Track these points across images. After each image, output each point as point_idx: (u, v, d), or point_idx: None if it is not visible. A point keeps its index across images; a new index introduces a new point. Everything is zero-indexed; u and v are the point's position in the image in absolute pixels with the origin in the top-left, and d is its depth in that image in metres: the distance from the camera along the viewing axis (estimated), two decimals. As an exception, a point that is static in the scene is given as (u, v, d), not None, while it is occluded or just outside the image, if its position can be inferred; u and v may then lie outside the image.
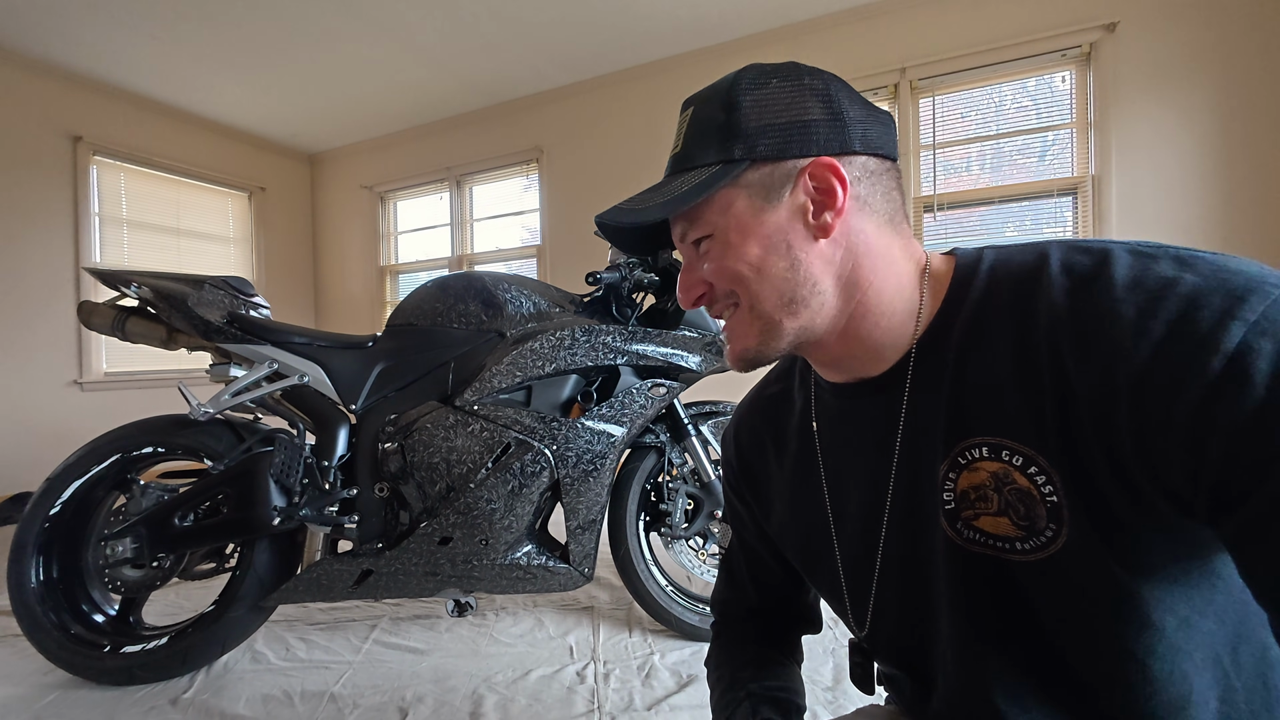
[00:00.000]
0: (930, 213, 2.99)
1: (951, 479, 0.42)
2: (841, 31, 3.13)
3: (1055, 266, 0.39)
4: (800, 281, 0.44)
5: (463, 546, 1.32)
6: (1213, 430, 0.30)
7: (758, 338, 0.46)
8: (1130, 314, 0.34)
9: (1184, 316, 0.32)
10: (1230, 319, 0.31)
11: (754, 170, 0.44)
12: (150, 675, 1.34)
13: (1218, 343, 0.31)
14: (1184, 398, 0.31)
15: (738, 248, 0.44)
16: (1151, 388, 0.32)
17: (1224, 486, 0.31)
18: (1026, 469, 0.38)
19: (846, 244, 0.44)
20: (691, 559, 1.52)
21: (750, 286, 0.44)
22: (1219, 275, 0.33)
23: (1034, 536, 0.38)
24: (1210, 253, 0.35)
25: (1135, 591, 0.36)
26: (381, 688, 1.31)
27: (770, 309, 0.45)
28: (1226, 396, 0.30)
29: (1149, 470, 0.33)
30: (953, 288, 0.44)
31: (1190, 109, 2.52)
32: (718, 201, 0.45)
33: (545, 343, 1.35)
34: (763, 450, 0.59)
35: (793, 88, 0.44)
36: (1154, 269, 0.35)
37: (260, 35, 3.14)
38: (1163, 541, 0.35)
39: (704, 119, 0.46)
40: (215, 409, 1.35)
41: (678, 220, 0.48)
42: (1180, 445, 0.31)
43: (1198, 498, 0.32)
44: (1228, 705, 0.37)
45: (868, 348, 0.46)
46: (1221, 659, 0.37)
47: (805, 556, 0.57)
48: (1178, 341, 0.32)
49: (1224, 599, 0.37)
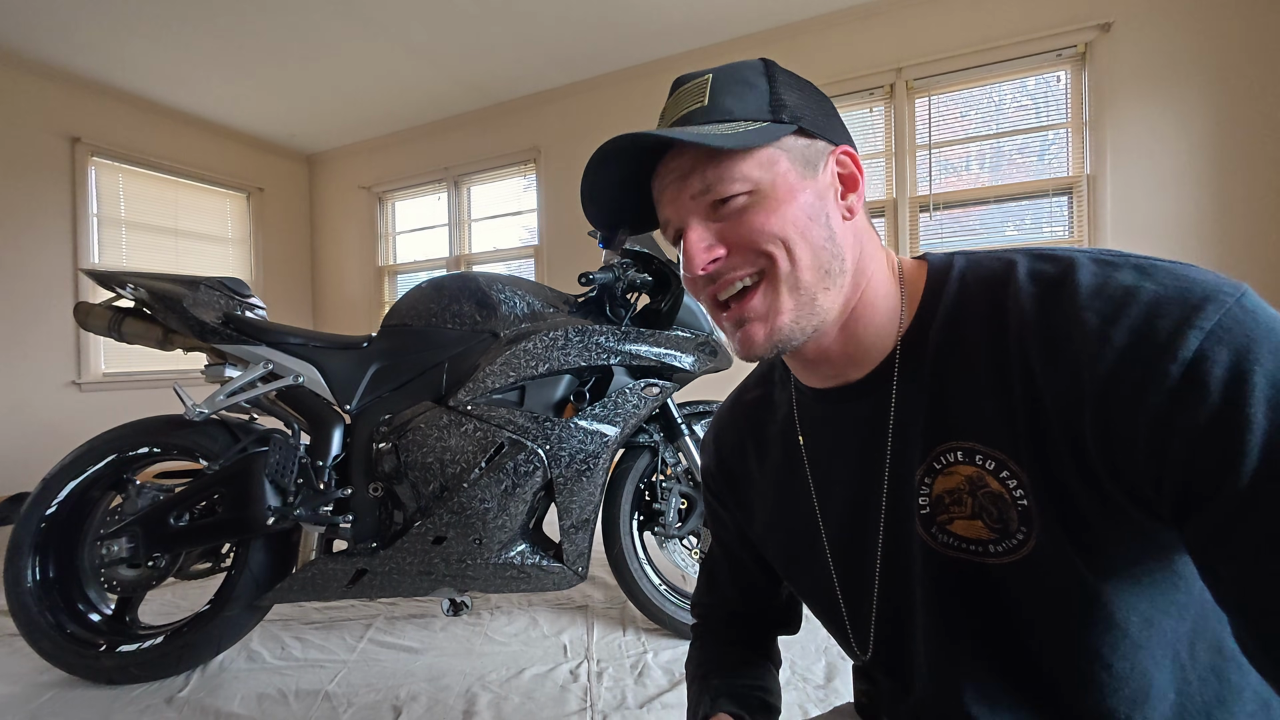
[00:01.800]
0: (926, 213, 2.99)
1: (927, 484, 0.43)
2: (837, 31, 3.14)
3: (1022, 274, 0.40)
4: (834, 254, 0.43)
5: (457, 546, 1.32)
6: (1172, 436, 0.31)
7: (792, 312, 0.43)
8: (1094, 321, 0.35)
9: (1145, 324, 0.33)
10: (1188, 327, 0.32)
11: (795, 139, 0.43)
12: (146, 674, 1.34)
13: (1175, 350, 0.31)
14: (1145, 404, 0.32)
15: (784, 205, 0.42)
16: (1115, 394, 0.33)
17: (1185, 491, 0.31)
18: (999, 473, 0.39)
19: (857, 232, 0.45)
20: (685, 558, 1.53)
21: (794, 250, 0.42)
22: (1178, 284, 0.34)
23: (1006, 539, 0.39)
24: (1169, 261, 0.36)
25: (1101, 592, 0.37)
26: (376, 686, 1.31)
27: (809, 279, 0.42)
28: (1184, 403, 0.31)
29: (1114, 474, 0.34)
30: (927, 292, 0.45)
31: (1185, 109, 2.52)
32: (762, 157, 0.42)
33: (539, 343, 1.36)
34: (744, 455, 0.59)
35: (807, 82, 0.47)
36: (1115, 277, 0.36)
37: (258, 36, 3.14)
38: (1129, 544, 0.36)
39: (737, 82, 0.44)
40: (210, 409, 1.35)
41: (699, 170, 0.43)
42: (1143, 450, 0.32)
43: (1161, 501, 0.33)
44: (1184, 698, 0.38)
45: (859, 346, 0.46)
46: (1180, 654, 0.38)
47: (789, 562, 0.57)
48: (1139, 349, 0.33)
49: (1184, 597, 0.37)
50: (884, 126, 3.07)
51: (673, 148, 0.44)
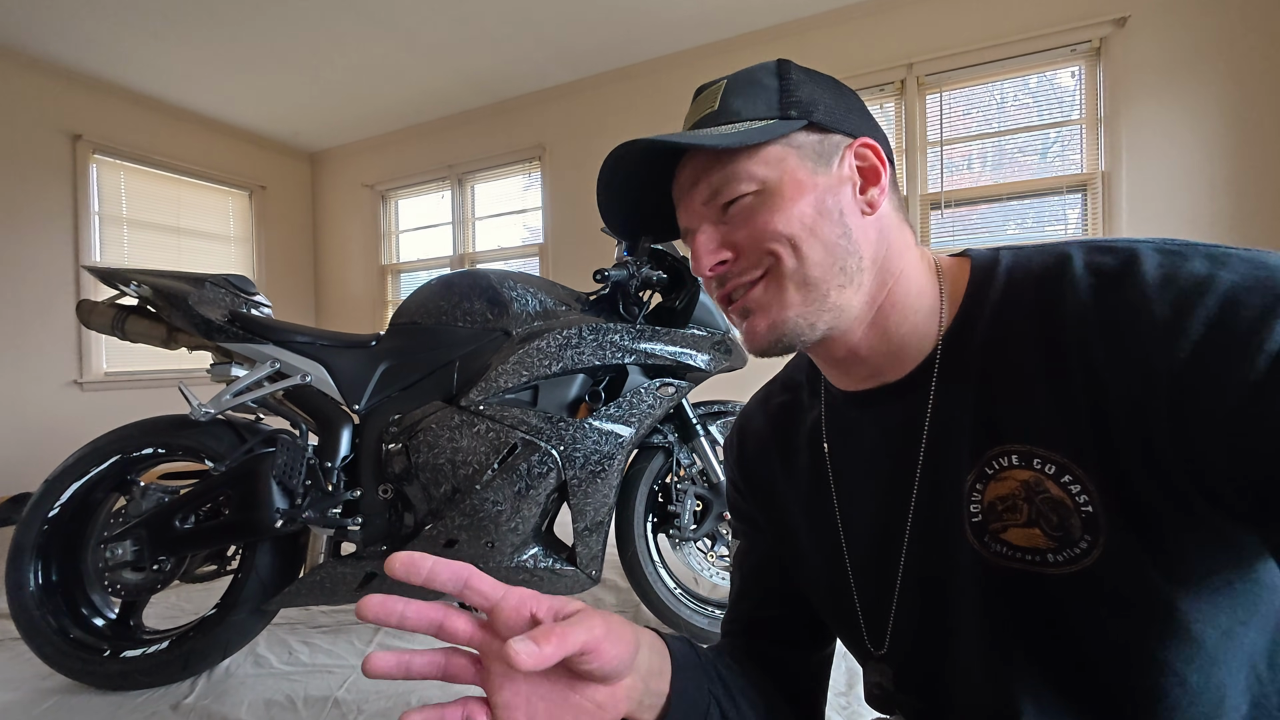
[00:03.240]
0: (937, 210, 2.96)
1: (979, 490, 0.40)
2: (848, 27, 3.11)
3: (1079, 267, 0.38)
4: (850, 251, 0.42)
5: (469, 549, 1.29)
6: (1257, 431, 0.29)
7: (799, 307, 0.42)
8: (1165, 313, 0.33)
9: (1223, 315, 0.31)
10: (1273, 317, 0.30)
11: (806, 134, 0.43)
12: (151, 680, 1.32)
13: (1261, 341, 0.29)
14: (1226, 399, 0.30)
15: (791, 203, 0.41)
16: (1191, 388, 0.31)
17: (1270, 490, 0.29)
18: (1060, 477, 0.37)
19: (880, 228, 0.44)
20: (699, 561, 1.50)
21: (802, 248, 0.41)
22: (1256, 272, 0.32)
23: (1067, 548, 0.37)
24: (1241, 249, 0.34)
25: (1176, 603, 0.34)
26: (386, 693, 1.28)
27: (819, 275, 0.41)
28: (1271, 397, 0.29)
29: (1190, 473, 0.32)
30: (971, 289, 0.43)
31: (1201, 104, 2.49)
32: (768, 155, 0.42)
33: (552, 342, 1.33)
34: (768, 460, 0.57)
35: (827, 78, 0.46)
36: (1185, 267, 0.34)
37: (261, 33, 3.12)
38: (1207, 550, 0.34)
39: (748, 83, 0.44)
40: (216, 409, 1.33)
41: (706, 175, 0.43)
42: (1223, 447, 0.30)
43: (1242, 501, 0.31)
44: (1259, 712, 0.36)
45: (892, 345, 0.44)
46: (1258, 666, 0.36)
47: (809, 571, 0.54)
48: (1218, 340, 0.31)
49: (1267, 608, 0.35)
50: (895, 123, 3.04)
51: (685, 156, 0.44)
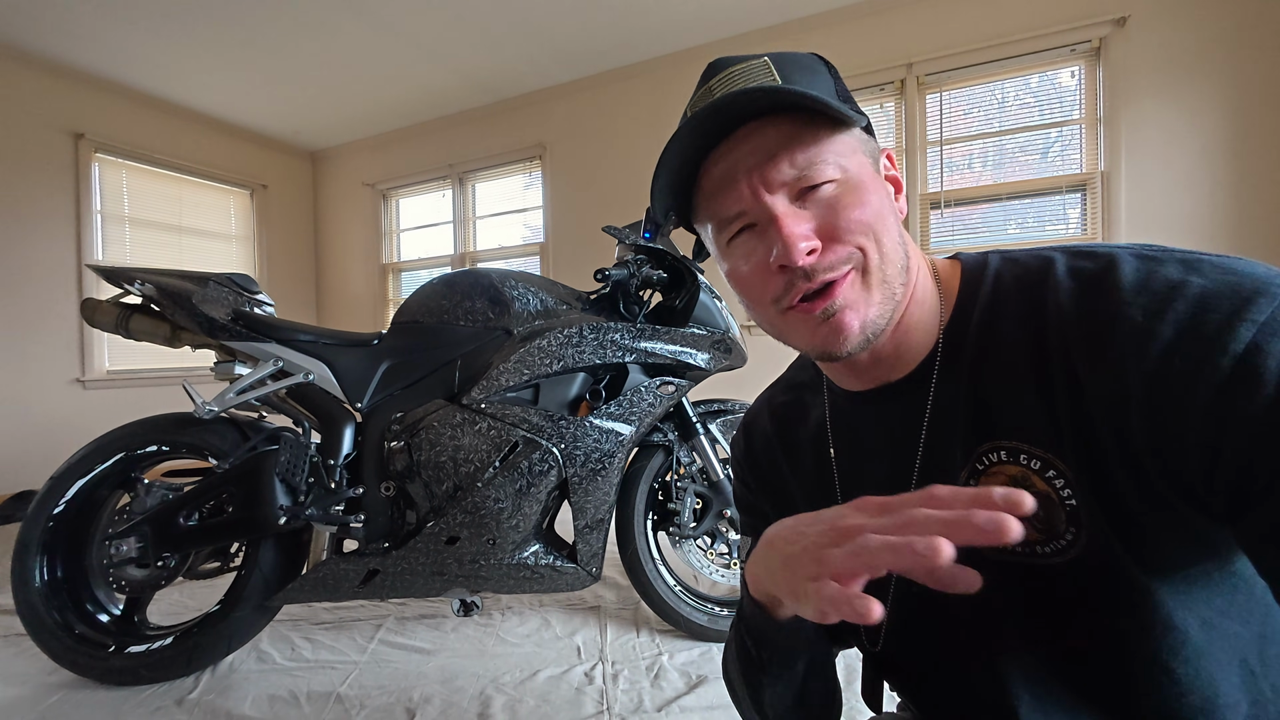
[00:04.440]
0: (937, 210, 2.97)
1: (971, 484, 0.42)
2: (848, 26, 3.11)
3: (1061, 271, 0.39)
4: (902, 253, 0.42)
5: (470, 546, 1.30)
6: (1225, 431, 0.30)
7: (880, 305, 0.41)
8: (1138, 317, 0.34)
9: (1193, 319, 0.32)
10: (1239, 320, 0.31)
11: (864, 132, 0.43)
12: (155, 675, 1.33)
13: (1227, 343, 0.31)
14: (1195, 399, 0.31)
15: (870, 197, 0.40)
16: (1163, 390, 0.32)
17: (1239, 487, 0.31)
18: (1045, 472, 0.38)
19: (902, 232, 0.45)
20: (699, 558, 1.51)
21: (884, 245, 0.40)
22: (1225, 278, 0.33)
23: (1053, 541, 0.39)
24: (1214, 255, 0.36)
25: (1156, 594, 0.36)
26: (388, 688, 1.30)
27: (893, 274, 0.41)
28: (1237, 396, 0.30)
29: (1164, 472, 0.33)
30: (963, 290, 0.45)
31: (1201, 104, 2.49)
32: (847, 144, 0.41)
33: (553, 340, 1.34)
34: (775, 458, 0.58)
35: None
36: (1160, 272, 0.35)
37: (262, 31, 3.12)
38: (1181, 544, 0.36)
39: (802, 66, 0.42)
40: (220, 407, 1.33)
41: (789, 149, 0.39)
42: (1194, 446, 0.32)
43: (1213, 498, 0.32)
44: (1258, 709, 0.37)
45: (906, 344, 0.45)
46: (1249, 661, 0.37)
47: None
48: (1187, 343, 0.32)
49: (1246, 600, 0.37)
50: (895, 123, 3.04)
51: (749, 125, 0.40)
